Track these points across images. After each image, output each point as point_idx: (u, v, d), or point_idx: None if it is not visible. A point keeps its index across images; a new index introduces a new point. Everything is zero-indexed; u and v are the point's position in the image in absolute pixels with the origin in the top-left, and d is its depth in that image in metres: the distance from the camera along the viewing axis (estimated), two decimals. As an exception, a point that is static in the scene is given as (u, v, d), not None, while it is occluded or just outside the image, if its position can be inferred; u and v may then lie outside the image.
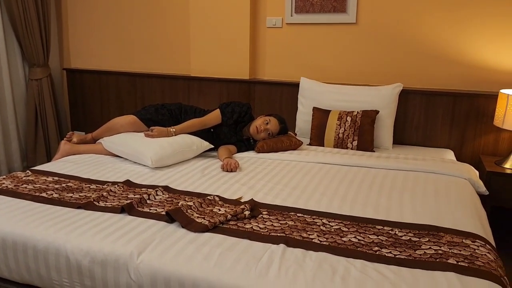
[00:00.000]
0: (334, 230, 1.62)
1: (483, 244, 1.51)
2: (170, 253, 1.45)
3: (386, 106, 2.82)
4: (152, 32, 3.73)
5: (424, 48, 2.94)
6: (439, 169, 2.32)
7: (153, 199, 1.90)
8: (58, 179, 2.15)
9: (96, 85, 3.97)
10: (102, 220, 1.69)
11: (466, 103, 2.84)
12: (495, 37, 2.77)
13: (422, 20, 2.91)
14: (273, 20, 3.29)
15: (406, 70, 3.02)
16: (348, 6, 3.06)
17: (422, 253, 1.45)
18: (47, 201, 1.87)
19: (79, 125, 4.13)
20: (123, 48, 3.88)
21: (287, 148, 2.66)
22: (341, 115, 2.80)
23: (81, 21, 3.99)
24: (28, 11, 3.52)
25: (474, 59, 2.85)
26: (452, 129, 2.91)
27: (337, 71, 3.19)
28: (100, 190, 2.00)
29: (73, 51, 4.11)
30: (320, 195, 1.98)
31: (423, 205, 1.87)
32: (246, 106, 2.75)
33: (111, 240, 1.53)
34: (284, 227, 1.64)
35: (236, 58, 3.37)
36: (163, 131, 2.57)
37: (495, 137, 2.82)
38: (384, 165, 2.40)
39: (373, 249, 1.48)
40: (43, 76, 3.75)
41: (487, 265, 1.37)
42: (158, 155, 2.33)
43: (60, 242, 1.56)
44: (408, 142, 3.02)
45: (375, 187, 2.08)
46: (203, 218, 1.67)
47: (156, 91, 3.73)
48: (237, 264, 1.38)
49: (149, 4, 3.68)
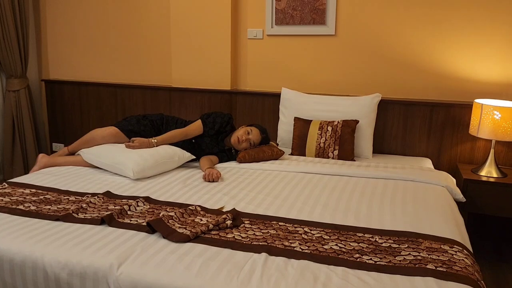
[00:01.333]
0: (315, 238, 1.63)
1: (461, 250, 1.54)
2: (151, 264, 1.43)
3: (365, 116, 2.88)
4: (133, 42, 3.72)
5: (401, 59, 3.02)
6: (417, 177, 2.37)
7: (134, 210, 1.88)
8: (35, 191, 2.11)
9: (76, 96, 3.92)
10: (82, 232, 1.66)
11: (442, 112, 2.92)
12: (470, 49, 2.86)
13: (399, 32, 2.99)
14: (254, 31, 3.33)
15: (385, 80, 3.08)
16: (327, 18, 3.12)
17: (402, 259, 1.47)
18: (24, 213, 1.83)
19: (58, 137, 4.07)
20: (104, 58, 3.86)
21: (269, 158, 2.68)
22: (322, 125, 2.83)
23: (60, 31, 3.96)
24: (5, 21, 3.48)
25: (450, 70, 2.93)
26: (430, 138, 2.97)
27: (317, 81, 3.24)
28: (79, 202, 1.96)
29: (52, 62, 4.06)
30: (301, 204, 1.99)
31: (403, 212, 1.90)
32: (228, 117, 2.76)
33: (90, 252, 1.51)
34: (266, 236, 1.65)
35: (217, 69, 3.39)
36: (144, 142, 2.55)
37: (471, 145, 2.90)
38: (364, 174, 2.43)
39: (354, 256, 1.50)
40: (21, 87, 3.69)
41: (464, 270, 1.40)
42: (140, 167, 2.31)
43: (37, 255, 1.52)
44: (388, 151, 3.07)
45: (355, 196, 2.11)
46: (184, 228, 1.66)
47: (137, 102, 3.71)
48: (219, 274, 1.38)
49: (130, 14, 3.68)
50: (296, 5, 3.17)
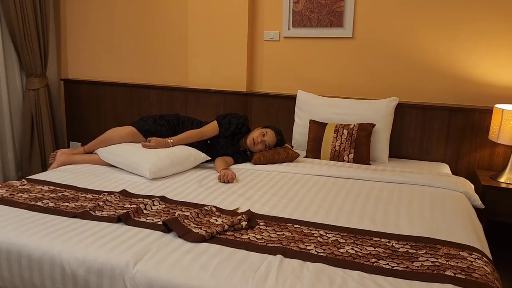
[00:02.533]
0: (331, 241, 1.62)
1: (480, 257, 1.51)
2: (166, 263, 1.44)
3: (382, 120, 2.85)
4: (150, 43, 3.76)
5: (420, 62, 2.98)
6: (435, 182, 2.34)
7: (149, 209, 1.90)
8: (54, 188, 2.14)
9: (93, 96, 3.97)
10: (98, 229, 1.68)
11: (461, 117, 2.87)
12: (490, 53, 2.82)
13: (418, 35, 2.96)
14: (271, 33, 3.33)
15: (402, 84, 3.05)
16: (345, 20, 3.10)
17: (420, 265, 1.45)
18: (42, 210, 1.85)
19: (75, 135, 4.12)
20: (121, 59, 3.90)
21: (283, 160, 2.67)
22: (337, 128, 2.82)
23: (79, 32, 4.02)
24: (27, 21, 3.54)
25: (469, 74, 2.89)
26: (448, 143, 2.93)
27: (333, 84, 3.22)
28: (96, 200, 1.98)
29: (71, 62, 4.12)
30: (316, 207, 1.98)
31: (420, 217, 1.88)
32: (243, 118, 2.76)
33: (107, 249, 1.52)
34: (281, 238, 1.64)
35: (233, 70, 3.40)
36: (161, 142, 2.57)
37: (490, 151, 2.84)
38: (380, 178, 2.41)
39: (371, 260, 1.48)
40: (41, 86, 3.75)
41: (484, 277, 1.37)
42: (156, 167, 2.33)
43: (55, 251, 1.54)
44: (404, 155, 3.04)
45: (371, 200, 2.09)
46: (200, 228, 1.67)
47: (153, 102, 3.74)
48: (234, 275, 1.37)
49: (147, 16, 3.72)
50: (314, 7, 3.16)
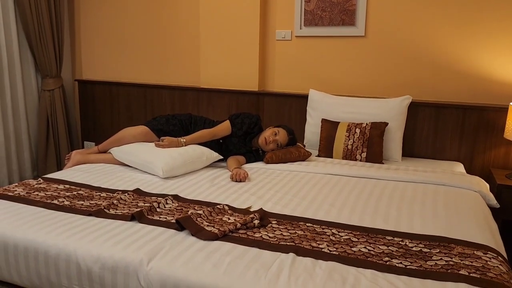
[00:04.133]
0: (343, 240, 1.62)
1: (495, 256, 1.50)
2: (179, 260, 1.45)
3: (395, 118, 2.83)
4: (163, 44, 3.79)
5: (433, 60, 2.96)
6: (449, 181, 2.31)
7: (163, 207, 1.91)
8: (69, 187, 2.17)
9: (107, 96, 4.02)
10: (113, 227, 1.70)
11: (475, 116, 2.84)
12: (504, 50, 2.78)
13: (430, 33, 2.93)
14: (283, 32, 3.33)
15: (415, 82, 3.02)
16: (357, 19, 3.09)
17: (433, 264, 1.44)
18: (58, 208, 1.89)
19: (89, 135, 4.18)
20: (134, 59, 3.94)
21: (295, 159, 2.67)
22: (350, 127, 2.80)
23: (93, 34, 4.07)
24: (42, 22, 3.60)
25: (483, 72, 2.85)
26: (462, 142, 2.89)
27: (345, 83, 3.21)
28: (110, 198, 2.01)
29: (85, 63, 4.18)
30: (329, 205, 1.98)
31: (433, 216, 1.86)
32: (256, 118, 2.77)
33: (121, 247, 1.54)
34: (293, 236, 1.64)
35: (245, 70, 3.40)
36: (173, 142, 2.59)
37: (506, 150, 2.80)
38: (393, 177, 2.39)
39: (384, 259, 1.47)
40: (56, 87, 3.81)
41: (499, 277, 1.35)
42: (169, 166, 2.35)
43: (71, 249, 1.57)
44: (418, 154, 3.01)
45: (384, 199, 2.08)
46: (212, 227, 1.68)
47: (166, 102, 3.77)
48: (247, 272, 1.38)
49: (159, 16, 3.75)
50: (325, 6, 3.16)
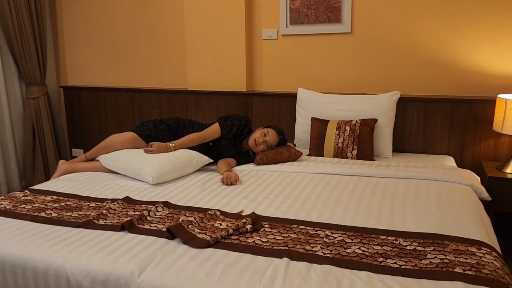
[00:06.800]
0: (337, 241, 1.60)
1: (489, 252, 1.49)
2: (172, 270, 1.43)
3: (384, 114, 2.82)
4: (148, 47, 3.74)
5: (420, 55, 2.95)
6: (440, 176, 2.31)
7: (153, 215, 1.88)
8: (57, 198, 2.13)
9: (94, 102, 3.97)
10: (102, 238, 1.67)
11: (464, 109, 2.84)
12: (491, 43, 2.78)
13: (417, 27, 2.93)
14: (269, 32, 3.31)
15: (403, 77, 3.02)
16: (343, 16, 3.08)
17: (428, 262, 1.43)
18: (46, 220, 1.84)
19: (77, 142, 4.12)
20: (120, 64, 3.89)
21: (286, 160, 2.65)
22: (339, 125, 2.79)
23: (77, 38, 4.01)
24: (23, 30, 3.53)
25: (471, 65, 2.85)
26: (452, 135, 2.90)
27: (334, 80, 3.20)
28: (99, 208, 1.97)
29: (70, 69, 4.12)
30: (321, 206, 1.96)
31: (426, 213, 1.85)
32: (245, 119, 2.74)
33: (111, 259, 1.51)
34: (286, 240, 1.62)
35: (232, 70, 3.38)
36: (162, 147, 2.55)
37: (495, 142, 2.81)
38: (385, 174, 2.38)
39: (378, 260, 1.46)
40: (40, 94, 3.75)
41: (494, 273, 1.35)
42: (158, 171, 2.32)
43: (60, 263, 1.53)
44: (408, 149, 3.01)
45: (376, 196, 2.07)
46: (204, 234, 1.65)
47: (154, 106, 3.73)
48: (240, 280, 1.36)
49: (144, 19, 3.70)
50: (311, 4, 3.14)
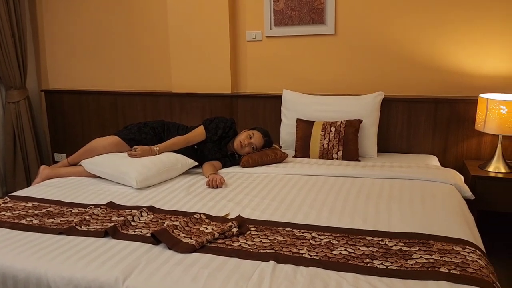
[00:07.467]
0: (324, 243, 1.60)
1: (474, 250, 1.51)
2: (156, 276, 1.40)
3: (369, 115, 2.84)
4: (132, 49, 3.70)
5: (403, 55, 2.98)
6: (424, 176, 2.33)
7: (137, 220, 1.85)
8: (38, 204, 2.08)
9: (76, 105, 3.90)
10: (85, 245, 1.63)
11: (447, 108, 2.87)
12: (473, 44, 2.82)
13: (400, 28, 2.95)
14: (253, 33, 3.30)
15: (387, 78, 3.04)
16: (327, 17, 3.09)
17: (414, 262, 1.43)
18: (26, 228, 1.80)
19: (59, 147, 4.04)
20: (103, 66, 3.84)
21: (272, 162, 2.64)
22: (325, 126, 2.80)
23: (58, 41, 3.94)
24: (2, 32, 3.46)
25: (453, 65, 2.89)
26: (435, 135, 2.93)
27: (319, 81, 3.20)
28: (82, 214, 1.93)
29: (51, 72, 4.04)
30: (308, 207, 1.96)
31: (411, 213, 1.86)
32: (230, 121, 2.73)
33: (94, 266, 1.48)
34: (273, 243, 1.61)
35: (217, 72, 3.36)
36: (146, 150, 2.52)
37: (478, 141, 2.85)
38: (370, 174, 2.39)
39: (364, 261, 1.46)
40: (21, 98, 3.67)
41: (478, 271, 1.36)
42: (142, 176, 2.28)
43: (41, 271, 1.49)
44: (393, 149, 3.03)
45: (362, 197, 2.07)
46: (190, 238, 1.63)
47: (138, 109, 3.68)
48: (226, 285, 1.34)
49: (127, 21, 3.66)
50: (295, 5, 3.14)
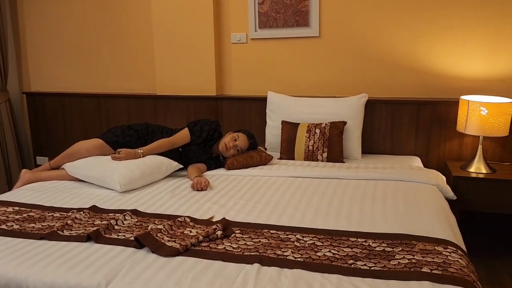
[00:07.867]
0: (308, 245, 1.60)
1: (455, 250, 1.53)
2: (140, 281, 1.39)
3: (353, 117, 2.86)
4: (116, 51, 3.66)
5: (387, 58, 3.02)
6: (407, 177, 2.36)
7: (121, 224, 1.83)
8: (18, 209, 2.04)
9: (59, 108, 3.84)
10: (67, 250, 1.61)
11: (429, 110, 2.92)
12: (454, 47, 2.87)
13: (383, 31, 2.99)
14: (238, 36, 3.30)
15: (371, 80, 3.07)
16: (311, 20, 3.11)
17: (396, 263, 1.45)
18: (7, 233, 1.76)
19: (41, 150, 3.98)
20: (86, 68, 3.79)
21: (257, 164, 2.64)
22: (309, 128, 2.81)
23: (40, 43, 3.88)
24: (-17, 34, 3.40)
25: (435, 67, 2.93)
26: (418, 136, 2.97)
27: (303, 83, 3.22)
28: (64, 218, 1.90)
29: (33, 74, 3.98)
30: (292, 209, 1.96)
31: (394, 214, 1.88)
32: (215, 124, 2.72)
33: (76, 271, 1.45)
34: (257, 245, 1.61)
35: (202, 75, 3.35)
36: (130, 153, 2.50)
37: (459, 142, 2.90)
38: (354, 176, 2.41)
39: (348, 262, 1.47)
40: (1, 101, 3.61)
41: (460, 271, 1.38)
42: (126, 179, 2.26)
43: (21, 277, 1.46)
44: (376, 151, 3.06)
45: (346, 199, 2.09)
46: (174, 241, 1.62)
47: (122, 111, 3.65)
48: (210, 288, 1.34)
49: (111, 22, 3.62)
50: (279, 8, 3.15)
